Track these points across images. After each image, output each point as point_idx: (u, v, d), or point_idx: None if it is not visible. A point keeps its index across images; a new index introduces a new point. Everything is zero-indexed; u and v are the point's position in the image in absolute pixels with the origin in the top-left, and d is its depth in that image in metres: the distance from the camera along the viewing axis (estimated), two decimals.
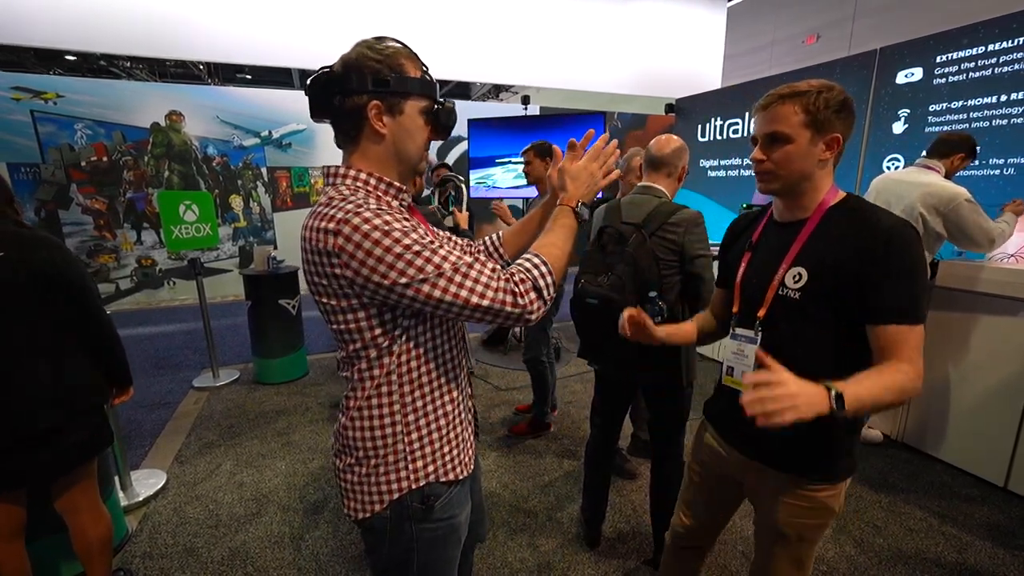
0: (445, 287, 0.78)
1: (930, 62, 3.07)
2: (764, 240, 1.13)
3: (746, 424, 1.02)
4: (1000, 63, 2.80)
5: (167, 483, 2.46)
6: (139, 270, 6.08)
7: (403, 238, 0.76)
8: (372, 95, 0.82)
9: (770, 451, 1.09)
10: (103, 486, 1.85)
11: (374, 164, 0.87)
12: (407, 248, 0.76)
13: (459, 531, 0.99)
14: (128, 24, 3.77)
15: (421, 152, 0.91)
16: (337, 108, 0.83)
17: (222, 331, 4.90)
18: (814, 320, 1.01)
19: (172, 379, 3.83)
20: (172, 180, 6.02)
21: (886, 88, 3.31)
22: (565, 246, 0.91)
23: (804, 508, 1.07)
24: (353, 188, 0.84)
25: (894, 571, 1.88)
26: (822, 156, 0.99)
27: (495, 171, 4.51)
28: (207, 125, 6.08)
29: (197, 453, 2.75)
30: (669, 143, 1.70)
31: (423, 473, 0.91)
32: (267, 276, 3.59)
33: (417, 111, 0.87)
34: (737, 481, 1.21)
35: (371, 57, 0.82)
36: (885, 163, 3.33)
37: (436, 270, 0.77)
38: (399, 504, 0.90)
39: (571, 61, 5.48)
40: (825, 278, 0.98)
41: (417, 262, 0.76)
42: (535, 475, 2.53)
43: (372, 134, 0.85)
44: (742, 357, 1.11)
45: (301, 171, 6.58)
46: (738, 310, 1.14)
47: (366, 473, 0.90)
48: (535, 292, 0.82)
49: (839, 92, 0.97)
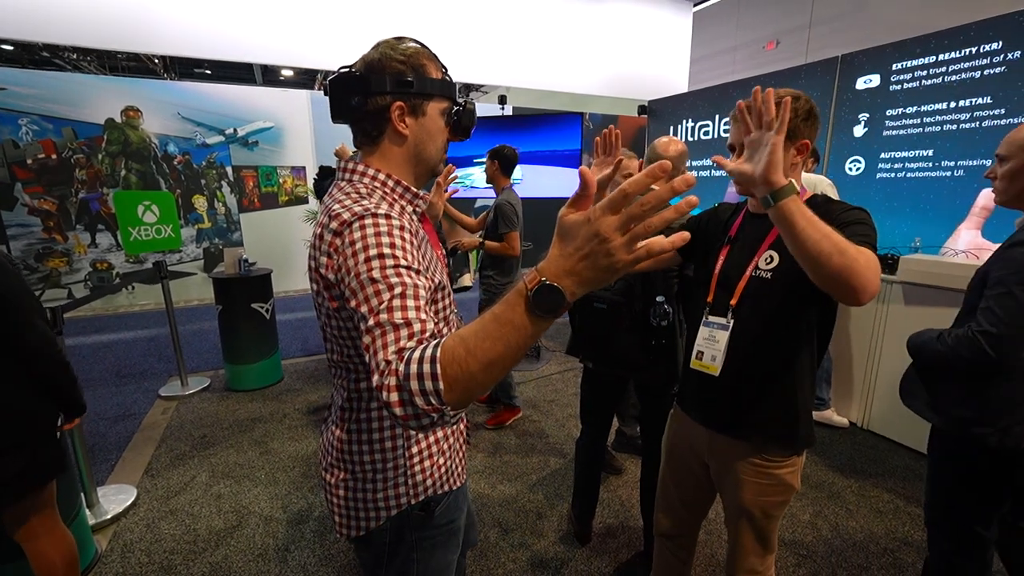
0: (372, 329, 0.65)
1: (887, 69, 3.25)
2: (742, 232, 1.20)
3: (712, 402, 1.18)
4: (949, 72, 2.99)
5: (137, 498, 2.34)
6: (94, 274, 5.75)
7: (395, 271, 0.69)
8: (395, 96, 0.81)
9: (735, 423, 1.17)
10: (68, 504, 1.75)
11: (393, 165, 0.86)
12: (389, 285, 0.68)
13: (458, 535, 0.99)
14: (74, 13, 3.53)
15: (441, 154, 0.91)
16: (358, 109, 0.82)
17: (188, 337, 4.69)
18: (783, 301, 1.10)
19: (136, 388, 3.64)
20: (130, 179, 5.72)
21: (847, 93, 3.48)
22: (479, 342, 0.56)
23: (766, 485, 1.16)
24: (370, 188, 0.82)
25: (867, 551, 1.99)
26: (793, 160, 1.08)
27: (473, 171, 4.49)
28: (167, 122, 5.80)
29: (169, 465, 2.63)
30: (673, 145, 1.74)
31: (423, 488, 0.89)
32: (239, 279, 3.46)
33: (438, 112, 0.86)
34: (704, 463, 1.29)
35: (394, 58, 0.81)
36: (847, 164, 3.50)
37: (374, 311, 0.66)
38: (399, 516, 0.89)
39: (543, 61, 5.52)
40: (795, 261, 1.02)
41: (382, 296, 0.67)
42: (522, 475, 2.54)
43: (394, 135, 0.84)
44: (713, 342, 1.18)
45: (269, 170, 6.37)
46: (712, 299, 1.20)
47: (363, 488, 0.87)
48: (406, 398, 0.57)
49: (806, 101, 1.07)
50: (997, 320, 1.15)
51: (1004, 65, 2.78)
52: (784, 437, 1.15)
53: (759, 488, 1.17)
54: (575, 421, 3.08)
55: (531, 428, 3.02)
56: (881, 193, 3.34)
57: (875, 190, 3.37)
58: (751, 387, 1.15)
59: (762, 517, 1.20)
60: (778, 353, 1.13)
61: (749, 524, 1.22)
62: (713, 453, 1.25)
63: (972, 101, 2.89)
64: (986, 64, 2.84)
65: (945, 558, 1.38)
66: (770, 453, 1.15)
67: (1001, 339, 1.15)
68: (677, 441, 1.36)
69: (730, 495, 1.24)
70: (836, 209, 1.06)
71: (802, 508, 2.24)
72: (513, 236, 2.79)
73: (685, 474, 1.37)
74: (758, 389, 1.15)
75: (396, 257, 0.71)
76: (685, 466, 1.35)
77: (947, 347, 1.24)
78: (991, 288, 1.20)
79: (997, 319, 1.15)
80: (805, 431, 1.15)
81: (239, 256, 3.53)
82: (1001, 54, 2.78)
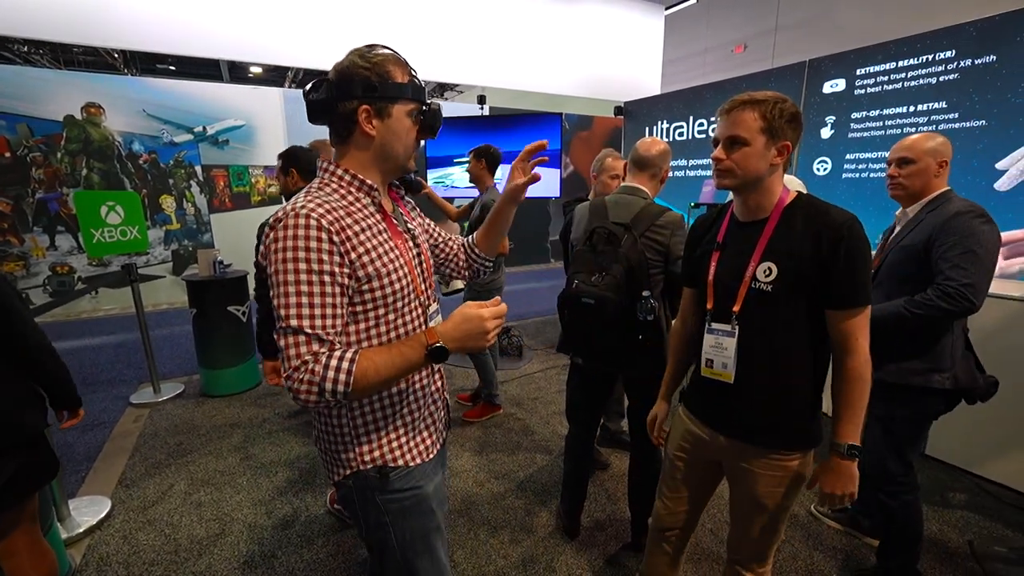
0: (278, 331, 0.84)
1: (852, 74, 3.41)
2: (730, 239, 1.22)
3: (728, 409, 1.21)
4: (908, 77, 3.16)
5: (112, 510, 2.25)
6: (54, 278, 5.48)
7: (303, 275, 0.82)
8: (362, 100, 0.89)
9: (751, 430, 1.19)
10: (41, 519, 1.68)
11: (361, 163, 0.94)
12: (298, 285, 0.82)
13: (427, 501, 1.04)
14: (26, 2, 3.34)
15: (409, 151, 0.97)
16: (331, 112, 0.91)
17: (159, 342, 4.53)
18: (786, 309, 1.12)
19: (105, 396, 3.50)
20: (92, 179, 5.47)
21: (814, 97, 3.63)
22: (388, 374, 0.86)
23: (780, 478, 1.18)
24: (325, 182, 0.92)
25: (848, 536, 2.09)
26: (774, 161, 1.11)
27: (453, 171, 4.48)
28: (131, 119, 5.57)
29: (144, 475, 2.54)
30: (655, 145, 1.77)
31: (369, 458, 0.98)
32: (214, 281, 3.37)
33: (404, 113, 0.93)
34: (717, 462, 1.31)
35: (360, 65, 0.88)
36: (815, 165, 3.65)
37: (287, 316, 0.82)
38: (356, 475, 0.99)
39: (519, 62, 5.55)
40: (793, 270, 1.09)
41: (290, 300, 0.82)
42: (509, 473, 2.56)
43: (361, 136, 0.92)
44: (721, 349, 1.20)
45: (240, 170, 6.19)
46: (712, 306, 1.22)
47: (329, 446, 1.00)
48: (317, 391, 0.81)
49: (791, 105, 1.10)
50: (970, 274, 1.43)
51: (957, 72, 2.95)
52: (797, 439, 1.17)
53: (774, 480, 1.19)
54: (560, 418, 3.12)
55: (516, 426, 3.04)
56: (847, 192, 3.50)
57: (841, 190, 3.53)
58: (763, 394, 1.16)
59: (775, 508, 1.21)
60: (787, 358, 1.14)
61: (761, 514, 1.23)
62: (727, 452, 1.26)
63: (929, 106, 3.06)
64: (941, 71, 3.01)
65: (901, 502, 1.66)
66: (785, 451, 1.18)
67: (976, 288, 1.44)
68: (686, 442, 1.35)
69: (743, 488, 1.25)
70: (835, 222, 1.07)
71: None
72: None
73: (695, 472, 1.37)
74: (770, 395, 1.16)
75: (309, 260, 0.82)
76: (696, 464, 1.35)
77: (923, 306, 1.49)
78: (950, 251, 1.47)
79: (969, 273, 1.43)
80: (816, 429, 1.18)
81: (213, 258, 3.43)
82: (954, 62, 2.95)
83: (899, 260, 1.62)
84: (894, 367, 1.61)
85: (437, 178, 4.53)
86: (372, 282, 0.89)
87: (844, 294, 1.07)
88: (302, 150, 2.21)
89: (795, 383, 1.15)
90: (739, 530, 1.31)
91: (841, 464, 1.12)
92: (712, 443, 1.28)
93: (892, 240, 1.69)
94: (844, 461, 1.11)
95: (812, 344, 1.14)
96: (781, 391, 1.16)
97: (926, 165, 1.60)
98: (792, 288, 1.10)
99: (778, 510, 1.22)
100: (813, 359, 1.15)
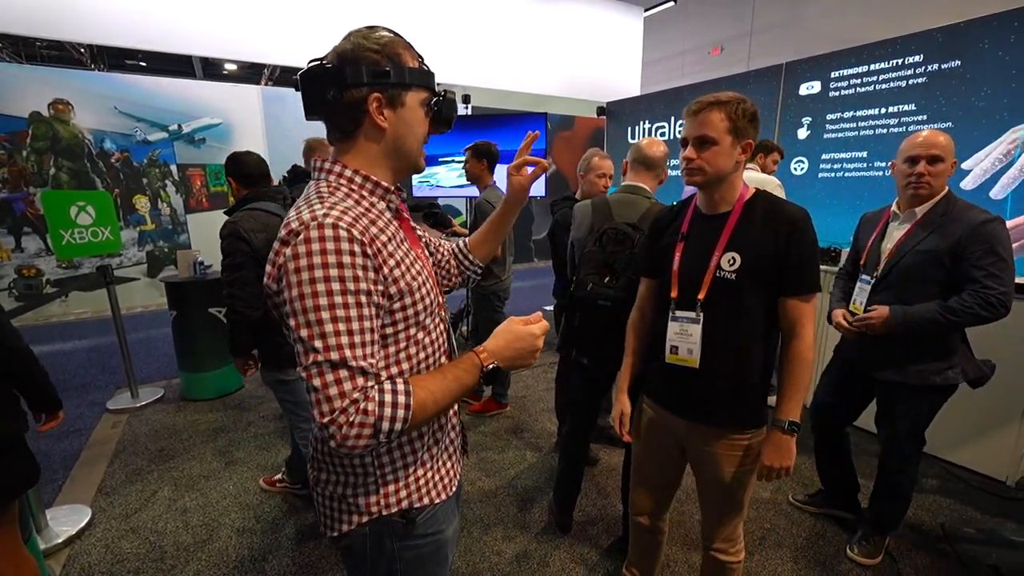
0: (310, 367, 0.69)
1: (827, 77, 3.52)
2: (694, 230, 1.29)
3: (692, 394, 1.29)
4: (880, 80, 3.28)
5: (93, 519, 2.19)
6: (20, 281, 5.27)
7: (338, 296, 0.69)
8: (372, 87, 0.76)
9: (714, 413, 1.28)
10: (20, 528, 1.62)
11: (367, 161, 0.81)
12: (332, 310, 0.69)
13: (445, 548, 0.94)
14: None
15: (421, 147, 0.86)
16: (333, 103, 0.77)
17: (135, 346, 4.38)
18: (748, 296, 1.20)
19: (80, 402, 3.39)
20: (60, 178, 5.27)
21: (791, 98, 3.74)
22: (446, 403, 0.78)
23: (740, 457, 1.28)
24: (334, 186, 0.78)
25: (821, 517, 2.17)
26: (738, 158, 1.19)
27: (438, 170, 4.47)
28: (102, 116, 5.39)
29: (125, 482, 2.48)
30: (659, 146, 1.81)
31: (395, 499, 0.85)
32: (194, 283, 3.29)
33: (418, 103, 0.82)
34: (680, 446, 1.39)
35: (368, 47, 0.76)
36: (792, 165, 3.76)
37: (326, 348, 0.69)
38: (377, 522, 0.85)
39: (503, 62, 5.57)
40: (755, 260, 1.18)
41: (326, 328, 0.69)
42: (501, 470, 2.57)
43: (372, 128, 0.79)
44: (686, 336, 1.26)
45: (218, 169, 6.05)
46: (677, 295, 1.28)
47: (341, 492, 0.85)
48: (370, 433, 0.70)
49: (751, 104, 1.18)
50: (1005, 282, 1.53)
51: (925, 76, 3.07)
52: (753, 418, 1.27)
53: (735, 460, 1.28)
54: (549, 415, 3.14)
55: (506, 424, 3.06)
56: (823, 191, 3.62)
57: (817, 188, 3.64)
58: (726, 377, 1.24)
59: (737, 487, 1.30)
60: (747, 344, 1.23)
61: (726, 494, 1.32)
62: (689, 438, 1.34)
63: (899, 108, 3.18)
64: (910, 75, 3.14)
65: (909, 474, 1.83)
66: (742, 431, 1.27)
67: (1010, 295, 1.53)
68: (652, 429, 1.43)
69: (708, 472, 1.33)
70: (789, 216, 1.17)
71: (762, 486, 2.40)
72: None
73: (663, 457, 1.45)
74: (732, 379, 1.24)
75: (344, 279, 0.69)
76: (662, 450, 1.43)
77: (962, 313, 1.55)
78: (983, 259, 1.53)
79: (1004, 281, 1.53)
80: (766, 408, 1.29)
81: (193, 259, 3.35)
82: (923, 66, 3.07)
83: (919, 263, 1.64)
84: (913, 369, 1.70)
85: (422, 178, 4.51)
86: (404, 299, 0.78)
87: (797, 282, 1.17)
88: (240, 155, 2.00)
89: (754, 367, 1.24)
90: (710, 515, 1.39)
91: (782, 438, 1.21)
92: (675, 429, 1.36)
93: (904, 243, 1.69)
94: (784, 436, 1.21)
95: (767, 330, 1.23)
96: (742, 374, 1.24)
97: (951, 164, 1.60)
98: (754, 277, 1.18)
99: (742, 487, 1.31)
100: (767, 344, 1.24)
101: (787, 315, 1.20)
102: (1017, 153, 2.75)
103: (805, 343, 1.19)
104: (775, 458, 1.22)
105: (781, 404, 1.22)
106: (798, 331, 1.19)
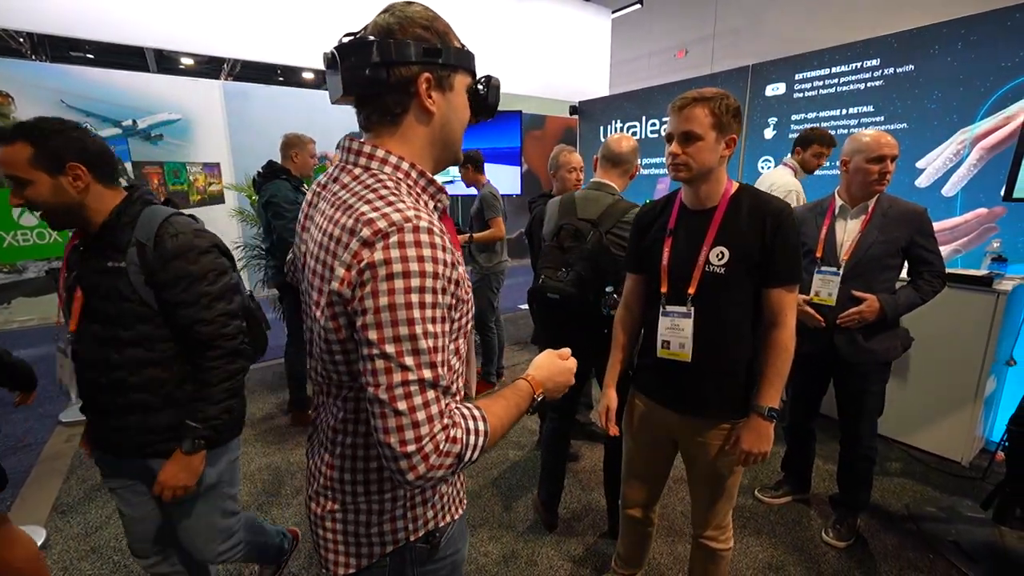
0: (395, 388, 0.61)
1: (791, 79, 3.65)
2: (681, 226, 1.31)
3: (684, 387, 1.31)
4: (840, 83, 3.43)
5: (48, 540, 2.05)
6: None
7: (429, 310, 0.62)
8: (423, 67, 0.69)
9: (706, 405, 1.30)
10: None
11: (414, 150, 0.73)
12: (424, 324, 0.62)
13: (460, 569, 0.91)
14: None
15: (462, 136, 0.79)
16: (380, 82, 0.68)
17: None
18: (737, 289, 1.23)
19: (29, 415, 3.16)
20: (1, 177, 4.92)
21: (758, 99, 3.86)
22: (507, 430, 0.77)
23: (731, 445, 1.29)
24: (395, 180, 0.70)
25: (792, 504, 2.24)
26: (723, 153, 1.21)
27: None
28: (47, 110, 4.97)
29: (83, 499, 2.32)
30: (626, 141, 1.81)
31: (422, 521, 0.80)
32: None
33: (464, 87, 0.75)
34: (672, 439, 1.41)
35: (417, 22, 0.69)
36: (759, 163, 3.89)
37: (418, 366, 0.62)
38: (399, 551, 0.79)
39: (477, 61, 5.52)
40: (743, 252, 1.20)
41: (419, 344, 0.62)
42: (483, 470, 2.55)
43: (420, 112, 0.71)
44: (677, 331, 1.28)
45: (177, 167, 5.77)
46: (667, 290, 1.30)
47: (356, 521, 0.77)
48: (453, 463, 0.65)
49: (734, 100, 1.21)
50: (942, 260, 1.78)
51: (882, 79, 3.23)
52: (740, 407, 1.29)
53: (725, 449, 1.30)
54: None
55: None
56: None
57: None
58: (717, 369, 1.27)
59: (729, 473, 1.33)
60: (736, 335, 1.26)
61: (718, 483, 1.35)
62: (682, 430, 1.36)
63: (859, 109, 3.34)
64: (868, 77, 3.29)
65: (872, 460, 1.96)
66: (733, 419, 1.29)
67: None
68: (644, 423, 1.44)
69: (701, 462, 1.35)
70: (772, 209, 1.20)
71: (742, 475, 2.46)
72: (498, 220, 3.11)
73: (655, 451, 1.47)
74: (723, 370, 1.27)
75: (436, 292, 0.63)
76: (654, 444, 1.45)
77: (932, 293, 1.78)
78: (930, 243, 1.75)
79: (942, 259, 1.78)
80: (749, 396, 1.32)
81: None
82: (880, 69, 3.23)
83: (884, 253, 1.78)
84: (882, 348, 1.83)
85: None
86: (462, 308, 0.72)
87: (782, 273, 1.20)
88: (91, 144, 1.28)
89: (742, 357, 1.27)
90: (702, 505, 1.41)
91: (761, 424, 1.24)
92: (668, 422, 1.37)
93: (867, 234, 1.78)
94: (764, 422, 1.23)
95: (754, 321, 1.26)
96: (732, 366, 1.27)
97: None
98: (742, 270, 1.20)
99: (732, 475, 1.34)
100: (754, 335, 1.27)
101: (771, 305, 1.23)
102: (965, 153, 2.92)
103: (788, 332, 1.22)
104: (754, 443, 1.24)
105: (761, 391, 1.24)
106: (782, 320, 1.22)
